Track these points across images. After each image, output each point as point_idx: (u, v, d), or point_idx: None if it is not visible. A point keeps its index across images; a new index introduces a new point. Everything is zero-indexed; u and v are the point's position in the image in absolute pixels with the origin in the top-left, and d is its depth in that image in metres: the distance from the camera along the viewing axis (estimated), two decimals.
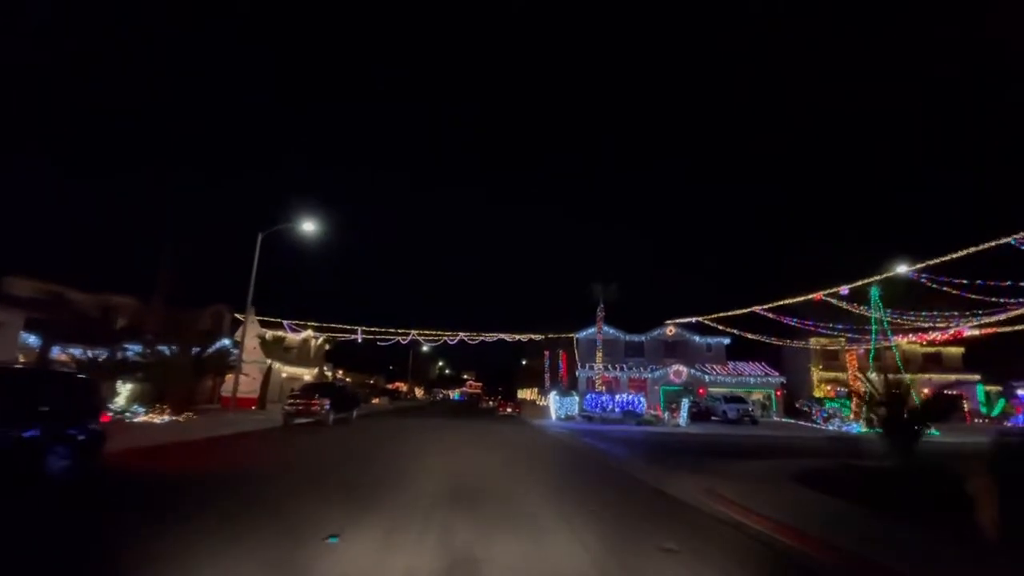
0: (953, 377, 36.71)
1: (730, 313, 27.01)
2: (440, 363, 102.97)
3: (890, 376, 10.79)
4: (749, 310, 25.73)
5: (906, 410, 10.06)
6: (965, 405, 37.18)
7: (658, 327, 41.72)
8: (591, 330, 40.18)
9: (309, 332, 44.62)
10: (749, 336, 30.47)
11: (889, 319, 27.73)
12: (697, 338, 41.10)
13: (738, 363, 40.46)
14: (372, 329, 37.82)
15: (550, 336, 41.41)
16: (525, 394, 47.27)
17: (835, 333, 28.12)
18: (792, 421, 33.80)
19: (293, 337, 41.88)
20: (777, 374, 38.08)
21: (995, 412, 38.15)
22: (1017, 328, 25.52)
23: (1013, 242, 19.99)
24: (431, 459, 11.73)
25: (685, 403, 27.60)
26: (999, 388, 40.23)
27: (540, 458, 12.85)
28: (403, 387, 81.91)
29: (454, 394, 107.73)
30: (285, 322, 35.22)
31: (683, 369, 38.13)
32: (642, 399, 29.29)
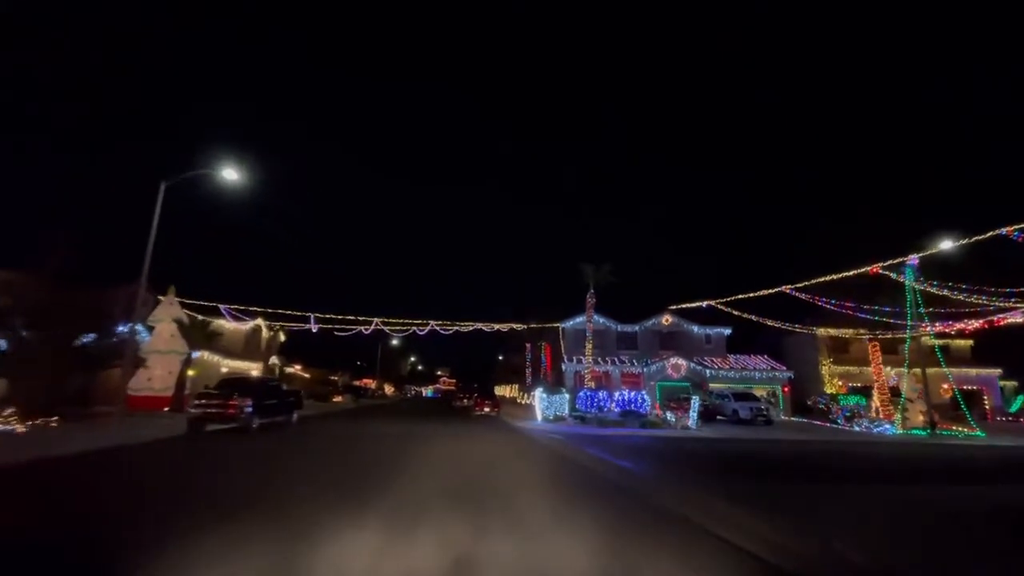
0: (974, 372, 33.49)
1: (750, 295, 22.83)
2: (412, 359, 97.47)
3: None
4: (777, 290, 21.56)
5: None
6: (986, 402, 34.08)
7: (653, 316, 37.58)
8: (579, 318, 35.82)
9: (259, 321, 39.06)
10: (769, 323, 26.39)
11: (928, 306, 23.87)
12: (696, 328, 37.14)
13: (740, 356, 36.64)
14: (327, 316, 32.57)
15: (532, 325, 36.83)
16: (504, 391, 42.76)
17: (882, 318, 24.12)
18: (805, 420, 30.05)
19: (238, 327, 36.28)
20: (784, 368, 34.38)
21: (1014, 409, 35.22)
22: None
23: None
24: (370, 497, 6.96)
25: (695, 402, 23.43)
26: (1015, 383, 37.43)
27: (546, 493, 8.24)
28: (371, 384, 76.33)
29: (427, 391, 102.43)
30: (222, 307, 29.74)
31: (682, 363, 34.07)
32: (646, 396, 24.99)
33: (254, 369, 36.52)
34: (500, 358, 69.05)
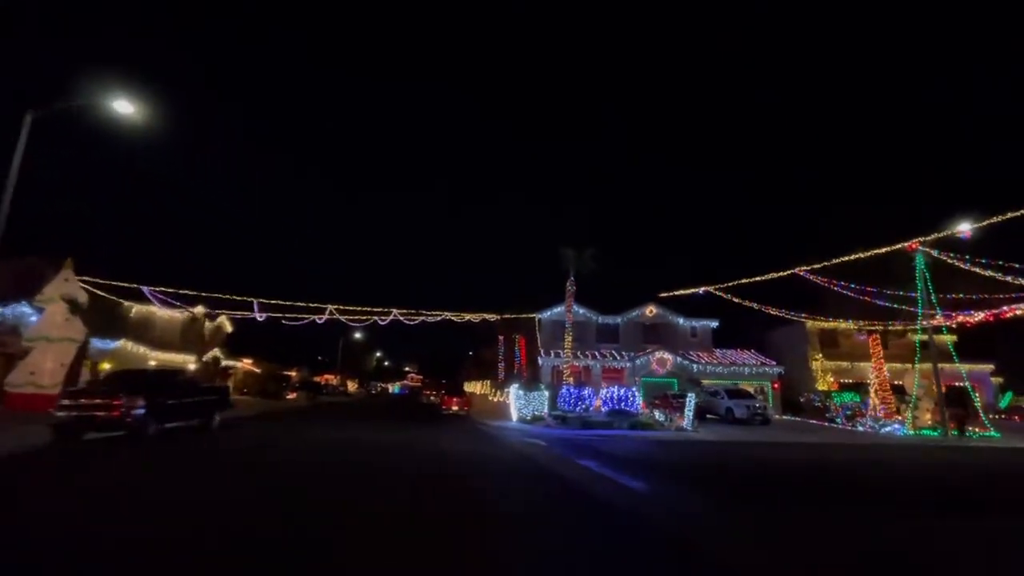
0: (966, 368, 31.80)
1: (755, 279, 20.09)
2: (378, 354, 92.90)
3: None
4: (789, 272, 18.90)
5: None
6: (978, 399, 32.61)
7: (637, 307, 34.82)
8: (558, 309, 32.77)
9: (200, 309, 34.54)
10: (771, 311, 23.82)
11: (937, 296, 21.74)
12: (681, 320, 34.63)
13: (726, 350, 34.29)
14: (274, 302, 28.48)
15: (506, 316, 33.55)
16: (475, 388, 39.51)
17: (902, 305, 21.82)
18: (799, 419, 27.77)
19: (172, 315, 31.79)
20: (774, 363, 32.22)
21: (1002, 405, 33.95)
22: None
23: None
24: None
25: (691, 400, 20.71)
26: (1000, 379, 36.36)
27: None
28: (333, 380, 71.75)
29: (394, 388, 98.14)
30: (146, 289, 25.34)
31: (668, 357, 31.44)
32: (636, 394, 22.02)
33: (192, 363, 32.09)
34: (471, 353, 65.64)
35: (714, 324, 34.68)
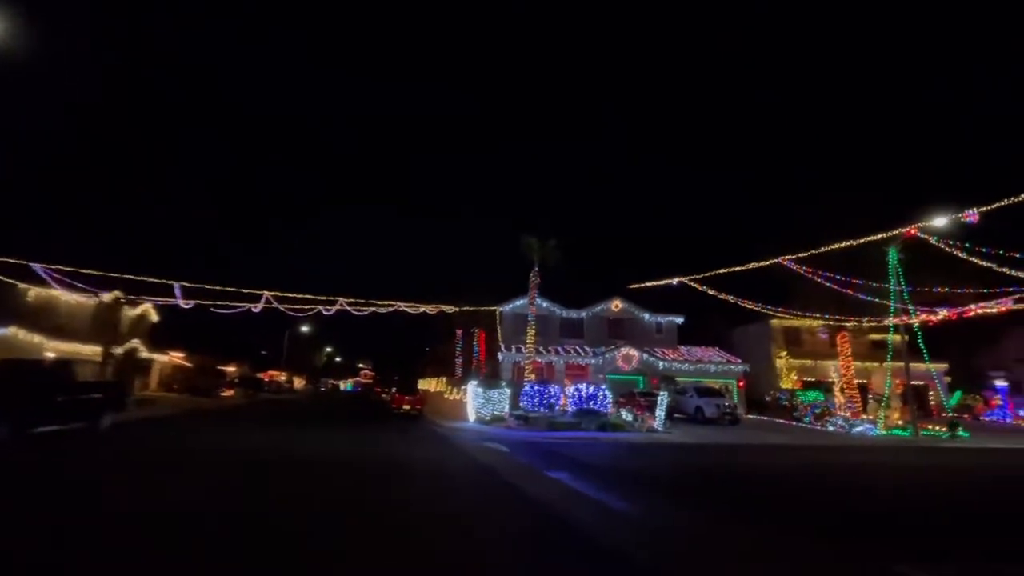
0: (923, 367, 31.83)
1: (735, 269, 18.68)
2: (328, 349, 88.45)
3: None
4: (773, 260, 17.55)
5: None
6: (931, 398, 32.96)
7: (602, 301, 33.35)
8: (520, 301, 30.86)
9: (116, 294, 30.44)
10: (748, 305, 22.60)
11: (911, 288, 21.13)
12: (647, 316, 33.37)
13: (691, 348, 33.30)
14: (198, 285, 25.11)
15: (465, 308, 31.28)
16: (430, 385, 37.08)
17: (878, 298, 20.97)
18: (765, 418, 26.92)
19: (80, 300, 27.79)
20: (739, 361, 31.50)
21: (951, 403, 34.48)
22: None
23: None
24: None
25: (663, 399, 19.04)
26: (949, 378, 37.09)
27: None
28: (279, 376, 67.31)
29: (346, 385, 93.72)
30: (38, 267, 21.54)
31: (634, 353, 30.05)
32: (607, 393, 20.29)
33: (103, 355, 28.09)
34: (428, 349, 62.86)
35: (680, 320, 33.64)
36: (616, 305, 33.37)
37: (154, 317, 36.00)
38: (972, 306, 23.65)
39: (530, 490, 7.81)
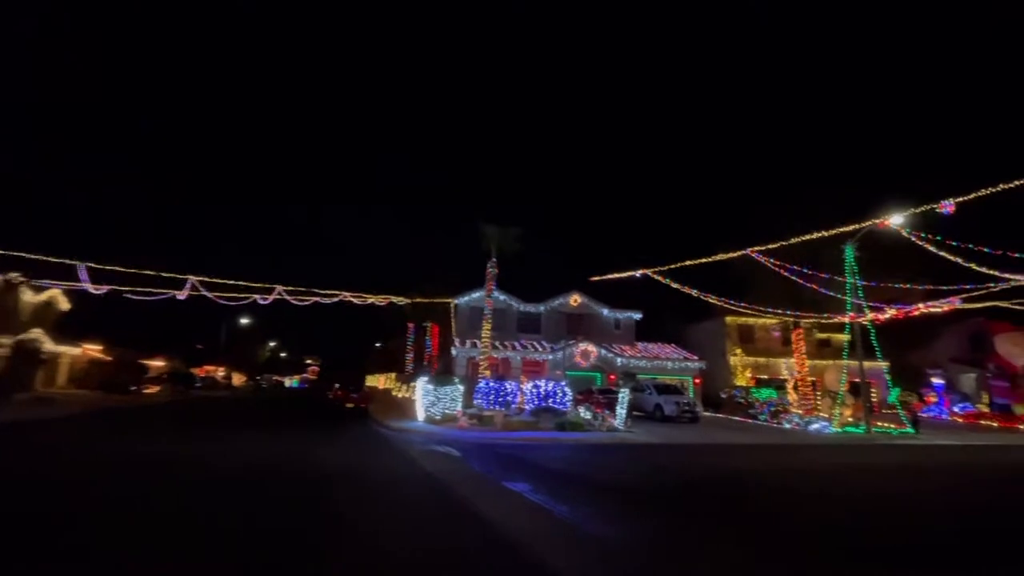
0: (867, 364, 32.39)
1: (701, 261, 17.78)
2: (273, 343, 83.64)
3: None
4: (741, 252, 16.71)
5: None
6: (874, 395, 33.76)
7: (561, 295, 32.19)
8: (476, 294, 29.26)
9: (13, 275, 26.73)
10: (711, 300, 21.88)
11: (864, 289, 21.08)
12: (606, 311, 32.52)
13: (648, 344, 32.71)
14: (108, 268, 22.01)
15: (418, 300, 29.35)
16: (379, 382, 34.83)
17: (837, 293, 20.68)
18: (722, 416, 26.51)
19: None
20: (696, 358, 31.12)
21: (891, 400, 35.52)
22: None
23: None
24: None
25: (624, 396, 17.99)
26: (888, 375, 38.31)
27: None
28: (217, 372, 62.78)
29: (292, 381, 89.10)
30: None
31: (592, 349, 29.09)
32: (567, 390, 19.01)
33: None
34: (378, 345, 60.16)
35: (638, 316, 32.96)
36: (575, 300, 32.33)
37: (64, 304, 31.95)
38: (920, 305, 24.03)
39: (487, 511, 6.25)
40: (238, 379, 69.87)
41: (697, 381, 30.79)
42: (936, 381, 32.22)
